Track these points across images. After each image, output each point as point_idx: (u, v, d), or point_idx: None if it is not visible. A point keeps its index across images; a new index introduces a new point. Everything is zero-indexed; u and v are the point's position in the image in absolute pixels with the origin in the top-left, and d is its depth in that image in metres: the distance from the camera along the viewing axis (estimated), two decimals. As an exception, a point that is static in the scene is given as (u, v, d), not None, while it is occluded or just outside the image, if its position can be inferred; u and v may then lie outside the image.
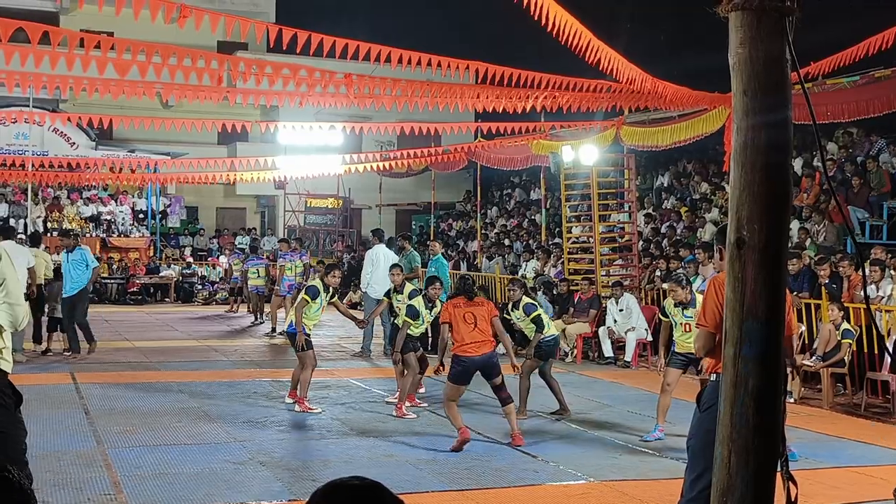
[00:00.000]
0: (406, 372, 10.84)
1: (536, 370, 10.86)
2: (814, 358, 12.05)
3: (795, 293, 12.70)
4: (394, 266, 12.62)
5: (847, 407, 11.78)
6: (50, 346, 15.11)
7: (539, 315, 10.85)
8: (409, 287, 12.11)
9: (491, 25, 38.36)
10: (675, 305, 9.73)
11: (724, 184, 20.02)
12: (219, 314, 23.37)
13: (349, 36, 9.96)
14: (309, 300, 10.86)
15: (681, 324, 9.70)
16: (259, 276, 20.71)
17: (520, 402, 10.65)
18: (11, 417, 5.01)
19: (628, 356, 15.22)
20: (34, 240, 15.66)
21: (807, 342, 12.73)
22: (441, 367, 9.49)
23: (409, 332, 10.64)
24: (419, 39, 14.94)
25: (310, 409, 10.69)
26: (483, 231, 27.15)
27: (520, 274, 20.01)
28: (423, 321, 10.94)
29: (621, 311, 15.51)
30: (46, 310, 15.17)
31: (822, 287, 12.92)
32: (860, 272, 12.67)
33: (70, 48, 10.55)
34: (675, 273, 11.34)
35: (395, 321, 11.44)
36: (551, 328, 11.10)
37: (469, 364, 9.05)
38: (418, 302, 10.77)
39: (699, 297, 9.61)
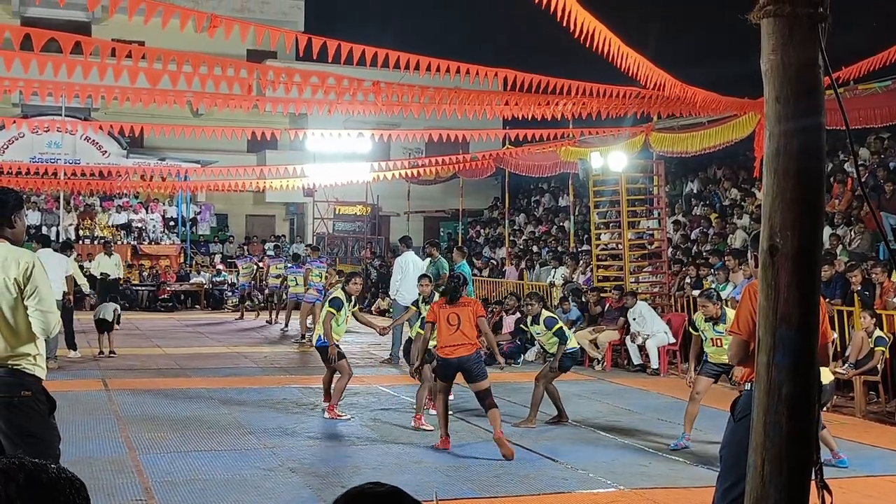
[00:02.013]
0: (421, 384, 10.55)
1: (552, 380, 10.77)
2: (846, 366, 11.93)
3: (828, 300, 12.58)
4: (422, 276, 12.53)
5: (880, 415, 11.64)
6: (101, 348, 15.66)
7: (561, 328, 10.77)
8: (437, 297, 12.09)
9: (516, 33, 38.39)
10: (706, 320, 9.63)
11: (755, 190, 19.90)
12: (251, 325, 23.44)
13: (377, 44, 10.00)
14: (335, 312, 10.82)
15: (711, 339, 9.58)
16: (297, 283, 20.65)
17: (531, 409, 10.56)
18: (45, 423, 5.07)
19: (654, 363, 15.13)
20: (63, 248, 15.78)
21: (839, 349, 12.61)
22: (417, 371, 9.63)
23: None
24: (447, 47, 14.98)
25: (338, 415, 10.69)
26: (511, 238, 27.13)
27: (548, 281, 19.97)
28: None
29: (634, 319, 15.45)
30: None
31: (855, 294, 12.80)
32: (893, 279, 12.54)
33: (102, 58, 10.68)
34: (707, 288, 11.18)
35: (411, 333, 11.22)
36: (573, 340, 10.99)
37: (446, 364, 9.14)
38: None
39: (729, 313, 9.56)
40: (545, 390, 10.70)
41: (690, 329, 10.27)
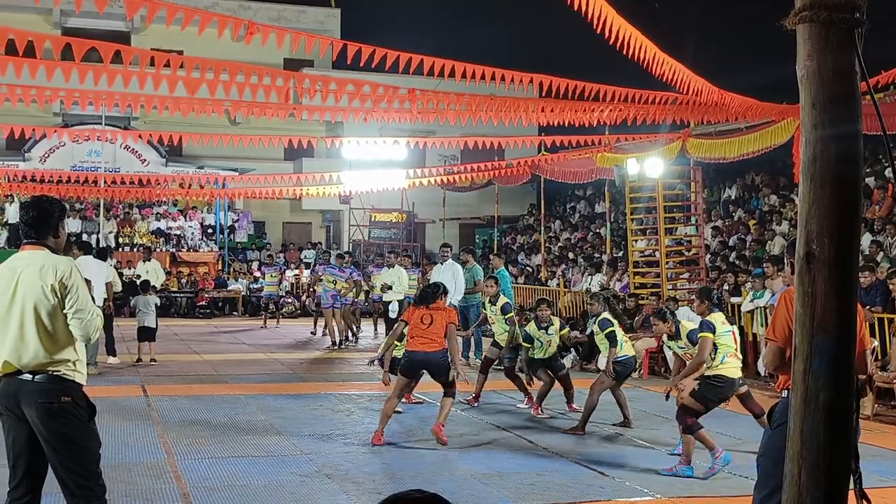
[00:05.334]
0: (542, 384, 11.61)
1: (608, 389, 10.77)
2: (886, 373, 11.77)
3: (868, 307, 12.43)
4: (488, 277, 13.43)
5: (923, 424, 11.48)
6: (140, 355, 15.76)
7: (613, 331, 10.73)
8: (502, 299, 12.47)
9: (554, 39, 38.34)
10: (668, 339, 9.76)
11: (794, 196, 19.70)
12: (289, 332, 23.52)
13: (413, 51, 10.02)
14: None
15: (675, 354, 9.88)
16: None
17: (581, 418, 10.54)
18: (85, 429, 5.13)
19: (691, 371, 14.99)
20: (101, 254, 15.93)
21: (880, 357, 12.44)
22: (386, 378, 10.21)
23: (531, 355, 11.60)
24: (483, 53, 14.97)
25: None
26: (547, 245, 27.07)
27: (583, 288, 19.89)
28: (543, 343, 11.46)
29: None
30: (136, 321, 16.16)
31: (895, 301, 12.63)
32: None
33: (141, 67, 10.80)
34: (659, 308, 11.52)
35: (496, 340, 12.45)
36: (627, 347, 10.91)
37: (412, 358, 9.72)
38: (531, 328, 11.51)
39: (683, 327, 9.57)
40: (614, 397, 10.87)
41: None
